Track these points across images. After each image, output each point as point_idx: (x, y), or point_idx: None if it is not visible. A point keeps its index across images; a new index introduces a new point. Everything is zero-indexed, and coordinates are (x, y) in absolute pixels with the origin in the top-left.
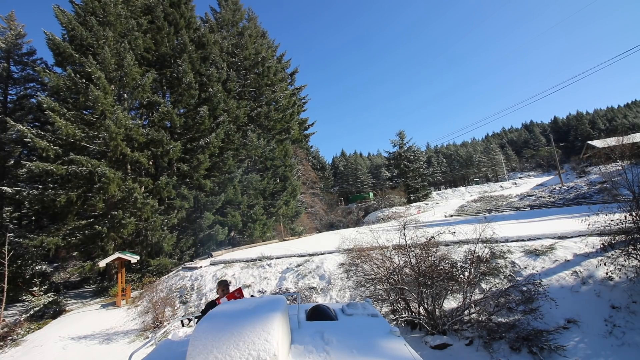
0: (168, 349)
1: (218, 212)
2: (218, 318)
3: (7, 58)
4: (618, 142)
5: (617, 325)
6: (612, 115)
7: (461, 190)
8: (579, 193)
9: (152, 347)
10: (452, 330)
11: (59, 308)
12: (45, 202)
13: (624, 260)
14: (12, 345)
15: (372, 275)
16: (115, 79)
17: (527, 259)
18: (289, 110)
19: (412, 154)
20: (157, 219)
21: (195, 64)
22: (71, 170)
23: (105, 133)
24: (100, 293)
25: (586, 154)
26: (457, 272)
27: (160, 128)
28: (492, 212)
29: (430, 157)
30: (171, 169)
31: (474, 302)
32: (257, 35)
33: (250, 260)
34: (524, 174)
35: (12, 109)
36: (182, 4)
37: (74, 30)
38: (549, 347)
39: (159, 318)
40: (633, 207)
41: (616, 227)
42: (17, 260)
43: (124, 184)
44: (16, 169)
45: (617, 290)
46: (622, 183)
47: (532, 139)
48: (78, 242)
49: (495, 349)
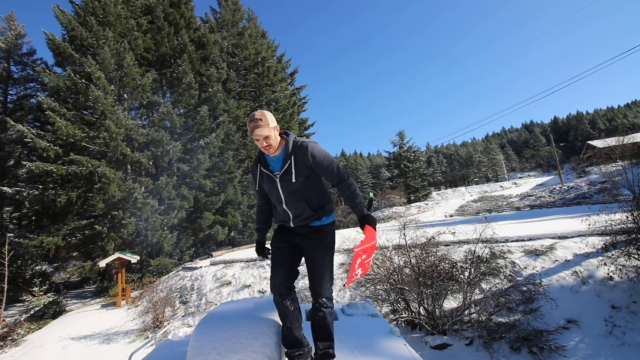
0: (168, 349)
1: (218, 212)
2: (218, 318)
3: (7, 58)
4: (618, 142)
5: (617, 325)
6: (612, 115)
7: (461, 190)
8: (579, 193)
9: (152, 347)
10: (452, 330)
11: (59, 308)
12: (45, 202)
13: (624, 260)
14: (12, 345)
15: (372, 275)
16: (115, 79)
17: (527, 259)
18: (289, 110)
19: (412, 154)
20: (157, 219)
21: (195, 64)
22: (71, 170)
23: (106, 133)
24: (100, 293)
25: (586, 154)
26: (457, 272)
27: (160, 128)
28: (492, 212)
29: (430, 157)
30: (171, 169)
31: (474, 302)
32: (257, 35)
33: (250, 260)
34: (524, 174)
35: (12, 109)
36: (182, 4)
37: (74, 30)
38: (549, 347)
39: (159, 318)
40: (633, 207)
41: (617, 227)
42: (17, 261)
43: (124, 184)
44: (16, 169)
45: (617, 290)
46: (622, 183)
47: (532, 139)
48: (78, 242)
49: (495, 349)
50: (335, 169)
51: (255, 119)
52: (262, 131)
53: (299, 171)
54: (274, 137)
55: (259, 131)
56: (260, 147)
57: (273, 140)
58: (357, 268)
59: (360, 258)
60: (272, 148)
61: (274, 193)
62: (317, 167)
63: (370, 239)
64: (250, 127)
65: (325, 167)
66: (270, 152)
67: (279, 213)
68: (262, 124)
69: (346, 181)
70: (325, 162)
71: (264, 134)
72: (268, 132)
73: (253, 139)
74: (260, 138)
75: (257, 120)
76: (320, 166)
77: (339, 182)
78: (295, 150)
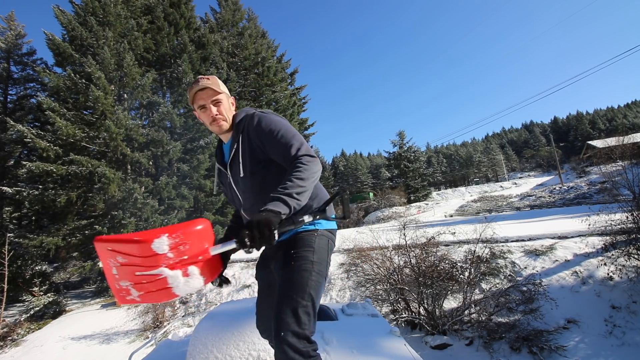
0: (168, 349)
1: (218, 212)
2: (218, 318)
3: (7, 58)
4: (618, 142)
5: (617, 325)
6: (612, 115)
7: (461, 190)
8: (579, 193)
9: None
10: (452, 330)
11: (59, 308)
12: (45, 202)
13: (624, 260)
14: (12, 345)
15: (372, 275)
16: (115, 79)
17: (527, 259)
18: (289, 110)
19: (412, 154)
20: (157, 219)
21: (195, 64)
22: (71, 170)
23: (106, 133)
24: (100, 293)
25: (586, 154)
26: (457, 272)
27: (160, 128)
28: (492, 212)
29: (430, 157)
30: (171, 169)
31: (474, 302)
32: (257, 35)
33: (250, 261)
34: (524, 174)
35: (12, 109)
36: (182, 4)
37: (73, 30)
38: (549, 347)
39: (159, 318)
40: (633, 207)
41: (617, 227)
42: (17, 261)
43: (124, 184)
44: (16, 169)
45: (618, 290)
46: (622, 183)
47: (532, 139)
48: (78, 242)
49: (495, 349)
50: (290, 140)
51: (199, 80)
52: (207, 92)
53: (248, 157)
54: (227, 107)
55: (204, 93)
56: (208, 124)
57: (225, 110)
58: (117, 276)
59: (114, 259)
60: (222, 121)
61: (229, 195)
62: (267, 143)
63: (161, 232)
64: (192, 91)
65: (274, 139)
66: (221, 129)
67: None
68: (209, 83)
69: (300, 159)
70: (276, 132)
71: (210, 96)
72: (216, 96)
73: (196, 109)
74: (206, 102)
75: (203, 79)
76: (270, 140)
77: (292, 159)
78: (242, 126)
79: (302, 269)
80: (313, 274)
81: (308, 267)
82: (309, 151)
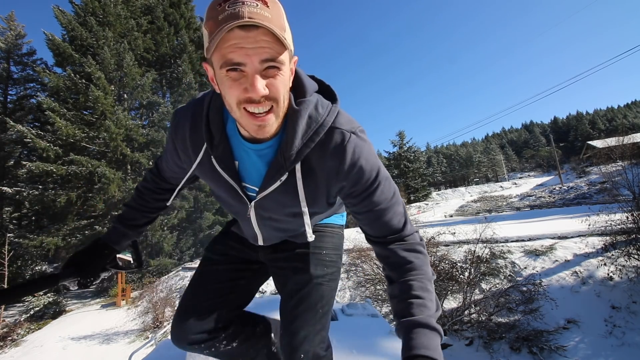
0: (168, 349)
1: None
2: None
3: (7, 58)
4: (618, 142)
5: (617, 325)
6: (612, 115)
7: (461, 191)
8: (579, 193)
9: (152, 347)
10: (452, 330)
11: (59, 308)
12: (45, 202)
13: (624, 260)
14: (12, 345)
15: (372, 275)
16: (115, 79)
17: (527, 259)
18: None
19: (412, 154)
20: (157, 219)
21: (195, 64)
22: (71, 170)
23: (105, 133)
24: (100, 293)
25: (586, 154)
26: (457, 272)
27: (160, 128)
28: (492, 212)
29: (430, 157)
30: None
31: (474, 302)
32: None
33: None
34: (524, 174)
35: (12, 109)
36: (182, 4)
37: (73, 30)
38: (549, 347)
39: (159, 318)
40: (633, 207)
41: (616, 228)
42: (17, 261)
43: (124, 185)
44: (16, 169)
45: (617, 291)
46: (622, 183)
47: (532, 139)
48: (78, 243)
49: (495, 349)
50: (396, 213)
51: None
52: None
53: (309, 197)
54: (286, 82)
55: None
56: (234, 106)
57: (284, 88)
58: None
59: None
60: (272, 118)
61: (234, 211)
62: (366, 205)
63: None
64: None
65: (381, 208)
66: (264, 131)
67: (238, 226)
68: (267, 16)
69: (417, 248)
70: (390, 198)
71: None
72: (278, 55)
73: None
74: (251, 60)
75: (250, 3)
76: (374, 205)
77: (395, 240)
78: (313, 147)
79: (326, 282)
80: (331, 291)
81: (336, 277)
82: (413, 227)
